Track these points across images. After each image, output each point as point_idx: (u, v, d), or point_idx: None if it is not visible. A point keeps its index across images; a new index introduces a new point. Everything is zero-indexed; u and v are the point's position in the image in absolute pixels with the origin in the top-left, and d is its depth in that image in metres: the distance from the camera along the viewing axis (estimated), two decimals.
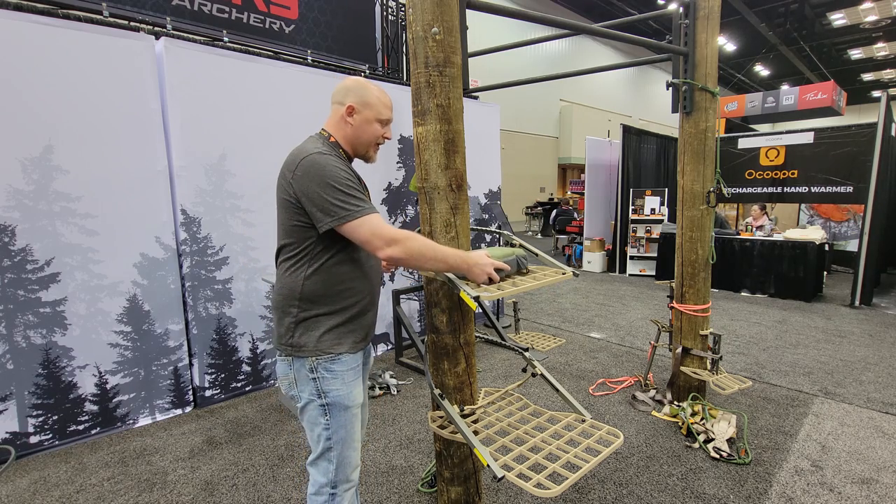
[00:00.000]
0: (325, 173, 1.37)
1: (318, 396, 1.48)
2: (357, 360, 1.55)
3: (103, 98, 2.79)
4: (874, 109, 6.67)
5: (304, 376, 1.48)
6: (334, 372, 1.48)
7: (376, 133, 1.55)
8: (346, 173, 1.41)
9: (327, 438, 1.50)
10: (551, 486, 1.39)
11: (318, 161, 1.38)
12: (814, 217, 8.51)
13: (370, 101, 1.52)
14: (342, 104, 1.51)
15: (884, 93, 5.81)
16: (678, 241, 3.16)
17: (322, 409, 1.49)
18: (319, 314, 1.47)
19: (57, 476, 2.52)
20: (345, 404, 1.50)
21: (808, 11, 17.52)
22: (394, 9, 5.14)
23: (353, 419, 1.53)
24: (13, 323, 2.61)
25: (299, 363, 1.48)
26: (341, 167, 1.41)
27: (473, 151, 3.05)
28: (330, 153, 1.44)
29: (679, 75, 2.94)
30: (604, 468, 2.54)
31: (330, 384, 1.48)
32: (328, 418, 1.49)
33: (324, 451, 1.51)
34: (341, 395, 1.49)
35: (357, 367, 1.55)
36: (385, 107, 1.55)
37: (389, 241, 1.36)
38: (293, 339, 1.48)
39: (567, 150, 21.13)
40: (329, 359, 1.47)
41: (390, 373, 3.72)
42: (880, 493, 2.32)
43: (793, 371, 3.84)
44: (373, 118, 1.52)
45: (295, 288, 1.46)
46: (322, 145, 1.46)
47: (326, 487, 1.52)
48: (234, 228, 3.35)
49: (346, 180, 1.38)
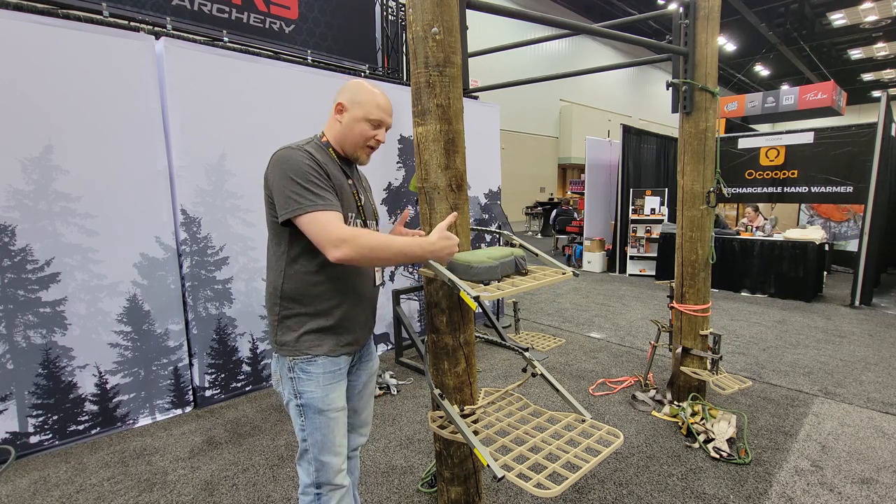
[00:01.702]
0: (288, 166, 1.35)
1: (294, 396, 1.47)
2: (338, 364, 1.50)
3: (103, 98, 2.79)
4: (874, 109, 6.67)
5: (284, 374, 1.48)
6: (309, 373, 1.45)
7: (364, 133, 1.49)
8: (310, 167, 1.36)
9: (303, 440, 1.49)
10: (551, 486, 1.39)
11: (284, 155, 1.38)
12: (814, 217, 8.50)
13: (360, 99, 1.48)
14: (335, 102, 1.51)
15: (884, 93, 5.81)
16: (678, 241, 3.16)
17: (298, 409, 1.48)
18: (300, 314, 1.46)
19: (57, 476, 2.52)
20: (318, 407, 1.46)
21: (808, 11, 17.53)
22: (394, 9, 5.14)
23: (330, 423, 1.48)
24: (13, 323, 2.61)
25: (282, 361, 1.48)
26: (306, 161, 1.36)
27: (473, 151, 3.05)
28: (301, 148, 1.40)
29: (679, 75, 2.94)
30: (604, 468, 2.54)
31: (305, 385, 1.46)
32: (303, 419, 1.47)
33: (302, 451, 1.51)
34: (315, 398, 1.45)
35: (337, 371, 1.50)
36: (377, 107, 1.49)
37: (337, 241, 1.28)
38: (277, 336, 1.48)
39: (567, 150, 21.14)
40: (306, 360, 1.45)
41: (390, 373, 3.72)
42: (880, 493, 2.32)
43: (793, 371, 3.84)
44: (361, 117, 1.48)
45: (277, 286, 1.46)
46: (307, 143, 1.46)
47: (311, 488, 1.51)
48: (234, 228, 3.35)
49: (306, 173, 1.34)
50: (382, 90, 1.55)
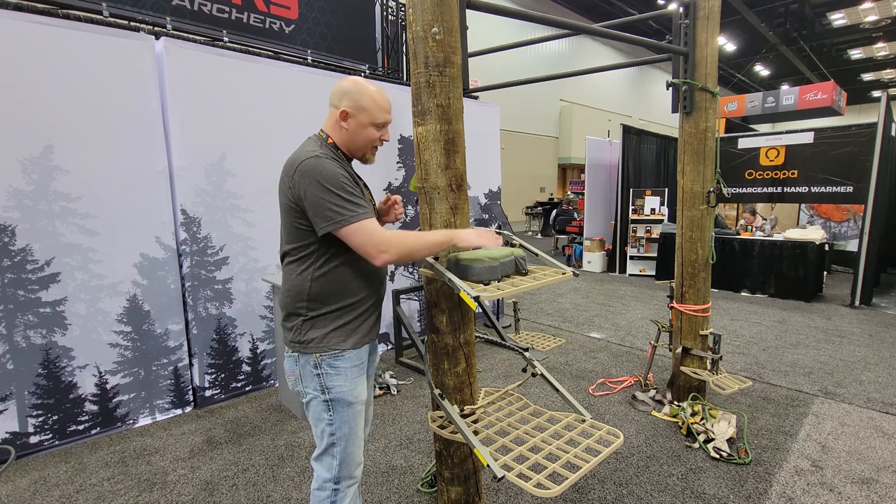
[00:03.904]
0: (322, 177, 1.38)
1: (321, 392, 1.50)
2: (361, 356, 1.56)
3: (103, 98, 2.79)
4: (874, 109, 6.68)
5: (308, 372, 1.51)
6: (338, 368, 1.50)
7: (371, 137, 1.54)
8: (343, 176, 1.41)
9: (331, 434, 1.52)
10: (551, 486, 1.39)
11: (314, 165, 1.39)
12: (814, 217, 8.50)
13: (364, 104, 1.49)
14: (337, 108, 1.50)
15: (884, 93, 5.81)
16: (678, 242, 3.16)
17: (326, 404, 1.51)
18: (326, 313, 1.50)
19: (57, 476, 2.52)
20: (348, 400, 1.51)
21: (808, 11, 17.53)
22: (394, 9, 5.14)
23: (357, 416, 1.54)
24: (13, 323, 2.61)
25: (304, 359, 1.51)
26: (338, 170, 1.41)
27: (473, 151, 3.05)
28: (326, 156, 1.43)
29: (679, 75, 2.94)
30: (604, 468, 2.54)
31: (333, 380, 1.50)
32: (332, 414, 1.51)
33: (328, 446, 1.53)
34: (344, 392, 1.51)
35: (361, 364, 1.56)
36: (381, 110, 1.51)
37: (382, 248, 1.39)
38: (301, 336, 1.51)
39: (567, 150, 21.13)
40: (333, 355, 1.49)
41: (390, 373, 3.72)
42: (880, 493, 2.32)
43: (793, 371, 3.84)
44: (367, 122, 1.50)
45: (303, 289, 1.49)
46: (320, 147, 1.47)
47: (329, 483, 1.54)
48: (234, 228, 3.35)
49: (342, 184, 1.39)
50: (378, 86, 1.55)
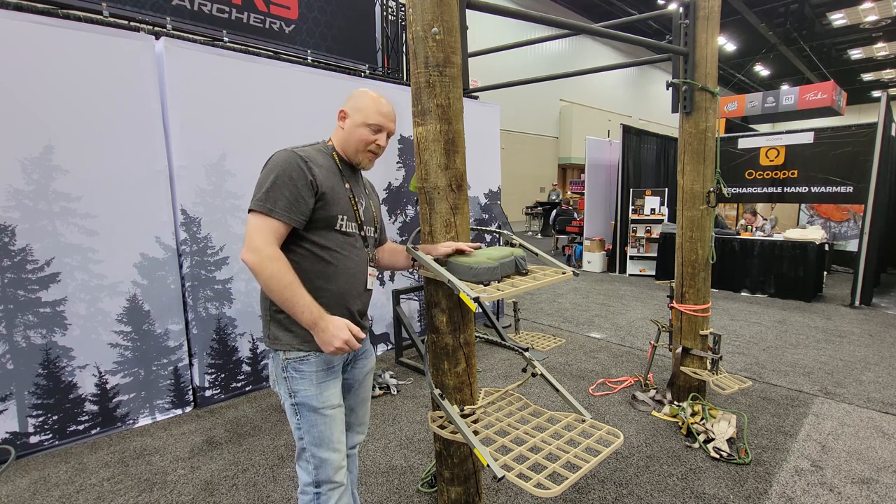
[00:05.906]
0: (273, 164, 1.43)
1: (289, 395, 1.49)
2: (329, 360, 1.51)
3: (103, 98, 2.79)
4: (874, 109, 6.67)
5: (279, 374, 1.50)
6: (302, 372, 1.47)
7: (364, 138, 1.53)
8: (296, 171, 1.40)
9: (300, 438, 1.50)
10: (551, 486, 1.39)
11: (278, 155, 1.45)
12: (814, 217, 8.50)
13: (360, 105, 1.53)
14: (342, 110, 1.57)
15: (884, 93, 5.81)
16: (678, 242, 3.16)
17: (293, 408, 1.49)
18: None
19: (57, 476, 2.52)
20: (313, 405, 1.47)
21: (808, 11, 17.53)
22: (394, 9, 5.14)
23: (326, 421, 1.49)
24: (13, 323, 2.61)
25: (276, 360, 1.50)
26: (296, 164, 1.41)
27: (473, 151, 3.05)
28: (297, 151, 1.45)
29: (679, 75, 2.94)
30: (604, 468, 2.54)
31: (298, 384, 1.47)
32: (298, 418, 1.49)
33: (300, 450, 1.52)
34: (309, 396, 1.47)
35: (330, 369, 1.51)
36: (377, 112, 1.53)
37: (253, 248, 1.34)
38: (269, 332, 1.51)
39: (567, 150, 21.13)
40: (297, 358, 1.47)
41: (390, 373, 3.72)
42: (880, 493, 2.32)
43: (793, 371, 3.84)
44: (361, 122, 1.52)
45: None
46: (311, 146, 1.54)
47: (310, 486, 1.52)
48: (234, 228, 3.34)
49: (281, 177, 1.39)
50: (387, 98, 1.58)
